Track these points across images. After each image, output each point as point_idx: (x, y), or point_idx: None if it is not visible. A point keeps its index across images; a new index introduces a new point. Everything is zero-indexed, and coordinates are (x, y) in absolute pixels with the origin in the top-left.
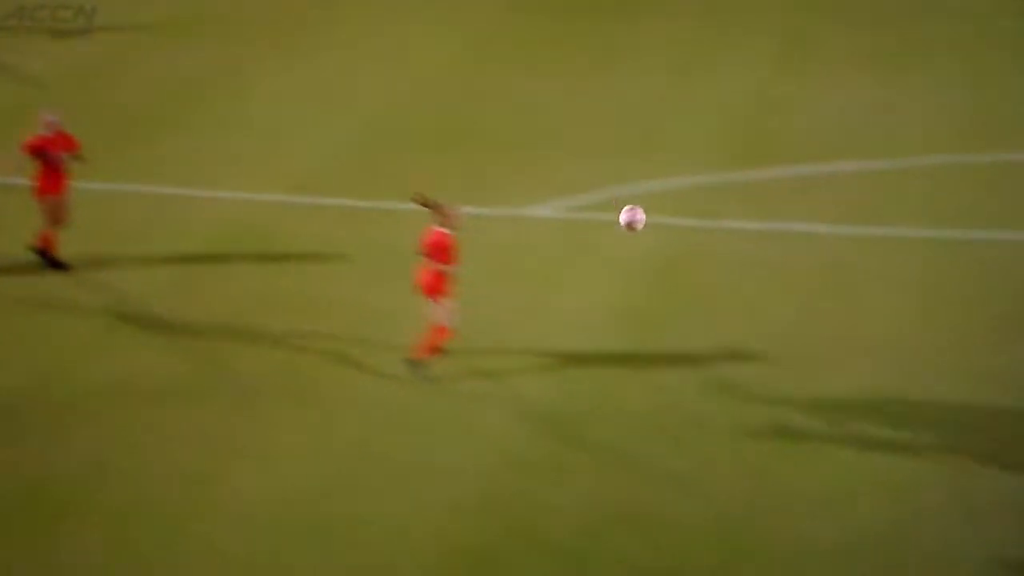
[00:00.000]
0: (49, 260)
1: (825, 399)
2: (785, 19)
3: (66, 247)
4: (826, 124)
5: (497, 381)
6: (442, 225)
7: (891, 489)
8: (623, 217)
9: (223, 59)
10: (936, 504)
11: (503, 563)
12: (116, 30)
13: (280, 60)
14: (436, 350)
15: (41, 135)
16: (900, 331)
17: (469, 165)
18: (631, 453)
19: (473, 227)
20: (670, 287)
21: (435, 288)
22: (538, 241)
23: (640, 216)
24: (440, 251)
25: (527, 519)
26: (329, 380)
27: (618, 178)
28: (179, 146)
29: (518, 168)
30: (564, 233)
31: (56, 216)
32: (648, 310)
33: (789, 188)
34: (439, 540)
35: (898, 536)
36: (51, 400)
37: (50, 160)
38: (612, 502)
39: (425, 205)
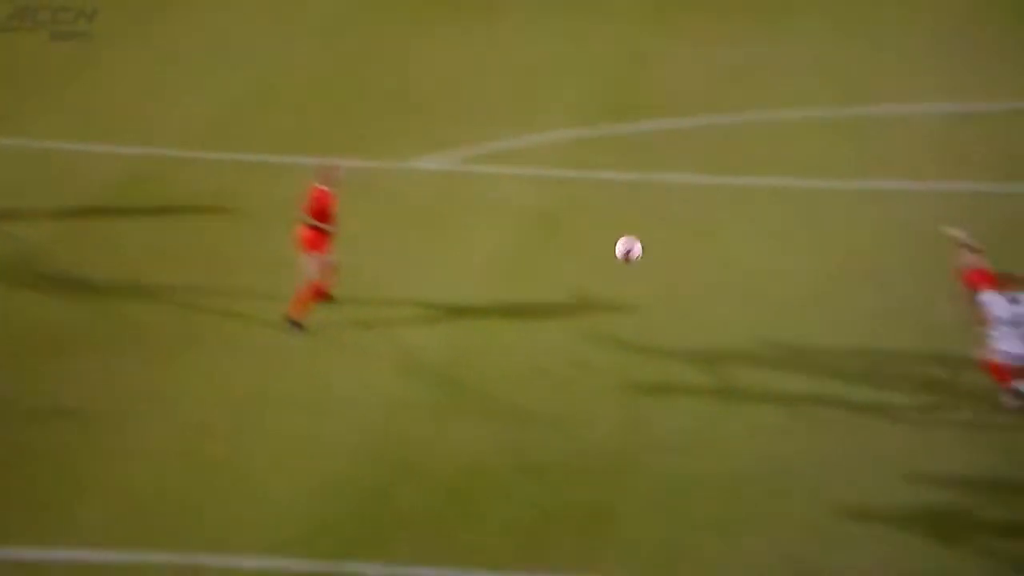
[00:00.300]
0: None
1: (698, 344)
2: None
3: None
4: (698, 78)
5: (383, 329)
6: (324, 183)
7: (764, 429)
8: (620, 248)
9: (119, 11)
10: (806, 441)
11: (393, 499)
12: None
13: (176, 13)
14: (311, 304)
15: None
16: (765, 277)
17: (358, 119)
18: (514, 397)
19: (361, 180)
20: (549, 237)
21: (313, 244)
22: (424, 193)
23: (637, 249)
24: (319, 209)
25: (415, 459)
26: (224, 329)
27: (500, 132)
28: (70, 100)
29: (405, 122)
30: (449, 185)
31: None
32: (529, 260)
33: (662, 140)
34: (331, 478)
35: (774, 471)
36: None
37: None
38: (496, 443)
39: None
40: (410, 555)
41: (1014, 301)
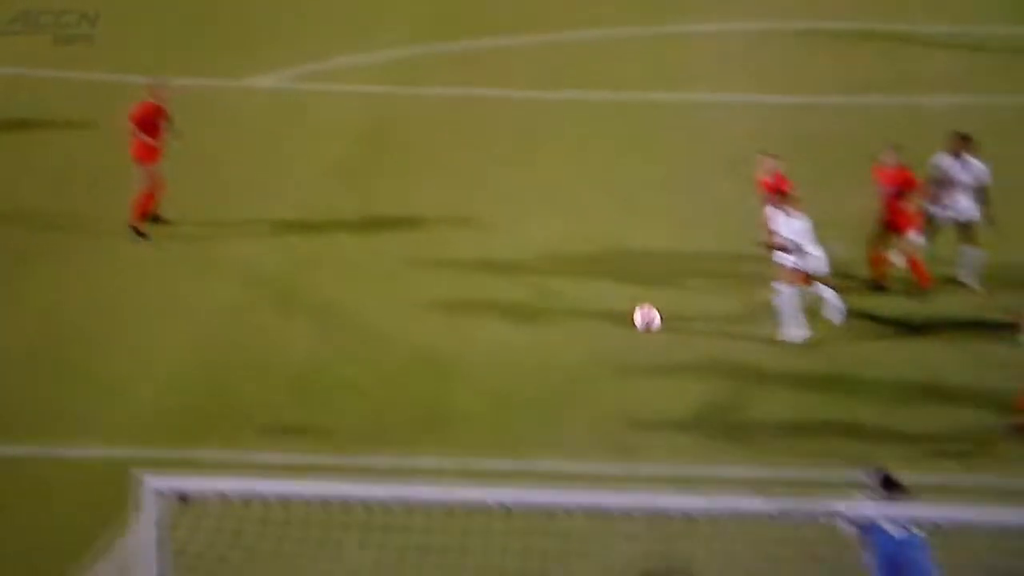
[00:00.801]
0: None
1: (504, 255)
2: None
3: None
4: None
5: (224, 241)
6: (152, 97)
7: (580, 332)
8: (638, 319)
9: None
10: (615, 338)
11: (236, 393)
12: None
13: None
14: (146, 213)
15: None
16: (587, 187)
17: (194, 39)
18: (347, 303)
19: (195, 97)
20: (379, 150)
21: (142, 156)
22: (259, 110)
23: (656, 320)
24: (146, 121)
25: (256, 358)
26: (74, 239)
27: (332, 50)
28: None
29: (239, 41)
30: (283, 102)
31: None
32: (359, 172)
33: (488, 57)
34: (178, 376)
35: (586, 362)
36: None
37: None
38: (334, 344)
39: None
40: (254, 443)
41: (789, 216)
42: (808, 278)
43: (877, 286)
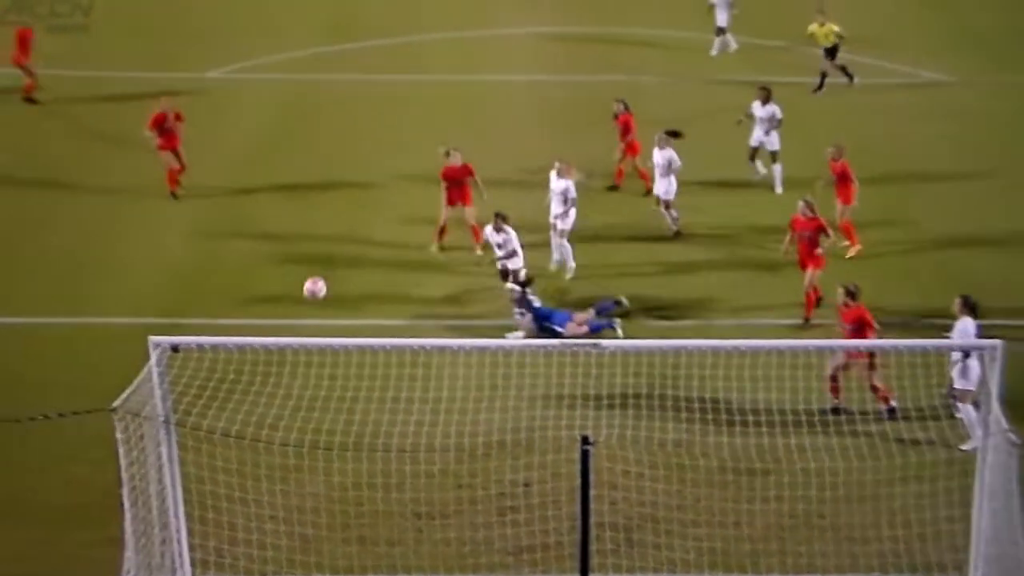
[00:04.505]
0: None
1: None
2: None
3: None
4: (392, 10)
5: (183, 201)
6: (163, 106)
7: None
8: (307, 287)
9: None
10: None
11: (207, 275)
12: None
13: None
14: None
15: None
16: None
17: (153, 41)
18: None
19: (165, 89)
20: (297, 126)
21: (162, 146)
22: (204, 96)
23: (321, 286)
24: (158, 125)
25: (214, 256)
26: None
27: (255, 50)
28: None
29: (191, 44)
30: (219, 89)
31: None
32: (281, 144)
33: (369, 53)
34: (165, 264)
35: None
36: None
37: None
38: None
39: None
40: (214, 311)
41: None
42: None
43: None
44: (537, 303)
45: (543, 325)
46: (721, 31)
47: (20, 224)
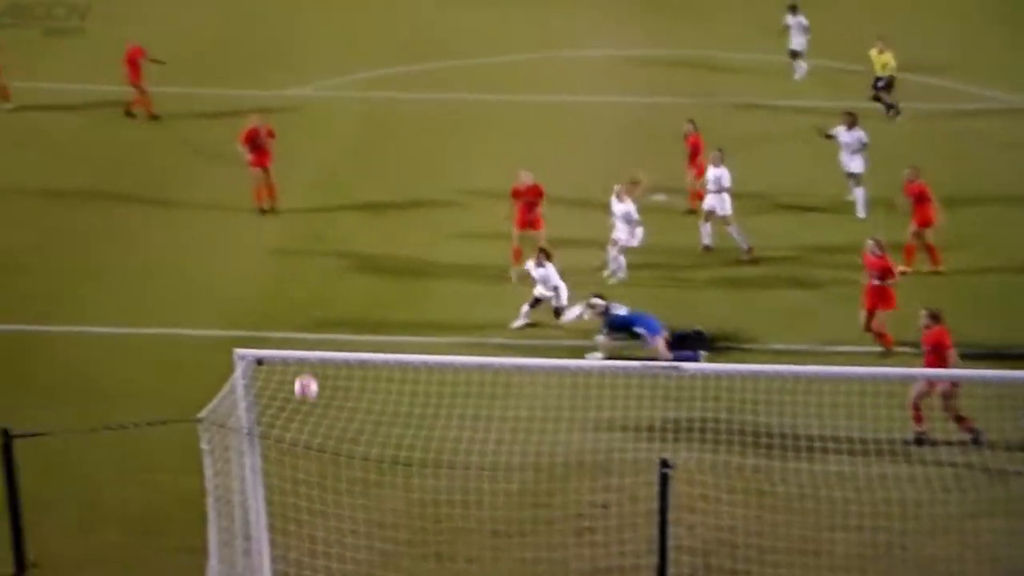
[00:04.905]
0: None
1: (466, 200)
2: None
3: None
4: (465, 32)
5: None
6: (254, 122)
7: None
8: (297, 386)
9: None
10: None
11: (285, 292)
12: None
13: None
14: (262, 202)
15: None
16: (506, 158)
17: (247, 60)
18: (361, 246)
19: (240, 106)
20: (378, 143)
21: (254, 163)
22: (291, 111)
23: (313, 387)
24: (250, 140)
25: (295, 272)
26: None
27: (337, 70)
28: None
29: (275, 64)
30: (307, 105)
31: None
32: (361, 157)
33: (443, 74)
34: (247, 279)
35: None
36: None
37: None
38: (341, 272)
39: None
40: (298, 325)
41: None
42: None
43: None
44: (622, 311)
45: (629, 330)
46: (795, 54)
47: (112, 235)
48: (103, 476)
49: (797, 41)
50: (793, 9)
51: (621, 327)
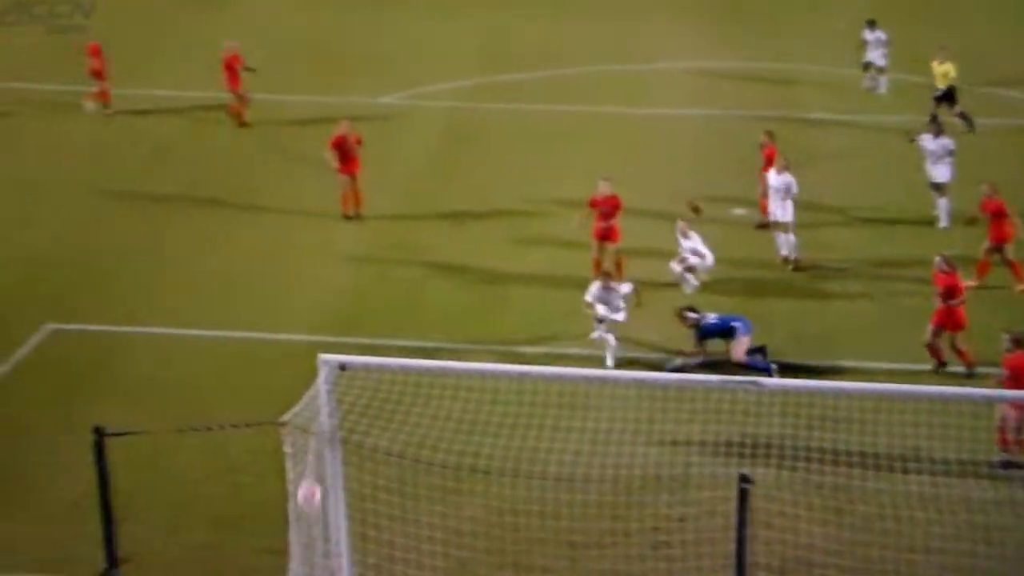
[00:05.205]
0: None
1: (541, 207)
2: None
3: None
4: (541, 44)
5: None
6: (343, 128)
7: None
8: (301, 493)
9: None
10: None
11: (368, 299)
12: None
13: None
14: (348, 209)
15: None
16: (592, 171)
17: (338, 70)
18: (433, 253)
19: (330, 113)
20: (461, 151)
21: (342, 169)
22: (382, 117)
23: (316, 497)
24: (339, 146)
25: (375, 287)
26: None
27: (421, 80)
28: None
29: (365, 74)
30: (396, 112)
31: None
32: (445, 165)
33: (526, 84)
34: (333, 287)
35: None
36: None
37: None
38: (400, 280)
39: None
40: (380, 331)
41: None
42: None
43: None
44: (713, 319)
45: (722, 332)
46: (868, 66)
47: (200, 239)
48: (191, 476)
49: (876, 55)
50: (871, 24)
51: (715, 332)
